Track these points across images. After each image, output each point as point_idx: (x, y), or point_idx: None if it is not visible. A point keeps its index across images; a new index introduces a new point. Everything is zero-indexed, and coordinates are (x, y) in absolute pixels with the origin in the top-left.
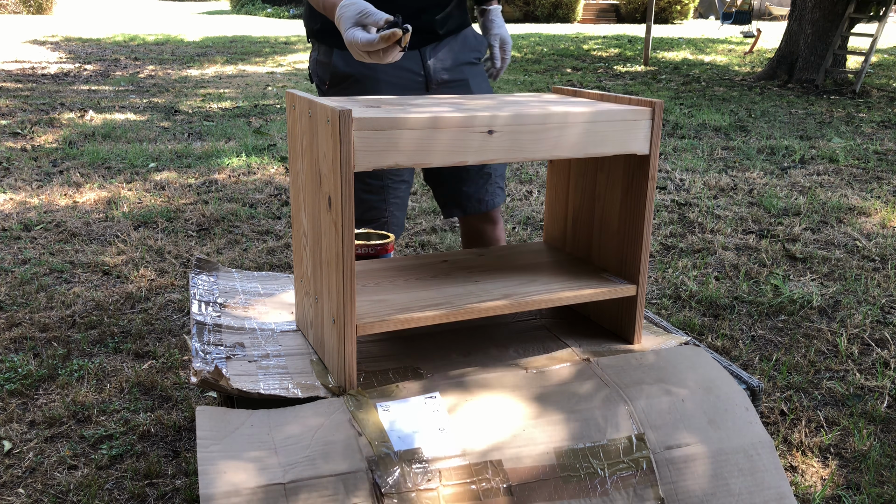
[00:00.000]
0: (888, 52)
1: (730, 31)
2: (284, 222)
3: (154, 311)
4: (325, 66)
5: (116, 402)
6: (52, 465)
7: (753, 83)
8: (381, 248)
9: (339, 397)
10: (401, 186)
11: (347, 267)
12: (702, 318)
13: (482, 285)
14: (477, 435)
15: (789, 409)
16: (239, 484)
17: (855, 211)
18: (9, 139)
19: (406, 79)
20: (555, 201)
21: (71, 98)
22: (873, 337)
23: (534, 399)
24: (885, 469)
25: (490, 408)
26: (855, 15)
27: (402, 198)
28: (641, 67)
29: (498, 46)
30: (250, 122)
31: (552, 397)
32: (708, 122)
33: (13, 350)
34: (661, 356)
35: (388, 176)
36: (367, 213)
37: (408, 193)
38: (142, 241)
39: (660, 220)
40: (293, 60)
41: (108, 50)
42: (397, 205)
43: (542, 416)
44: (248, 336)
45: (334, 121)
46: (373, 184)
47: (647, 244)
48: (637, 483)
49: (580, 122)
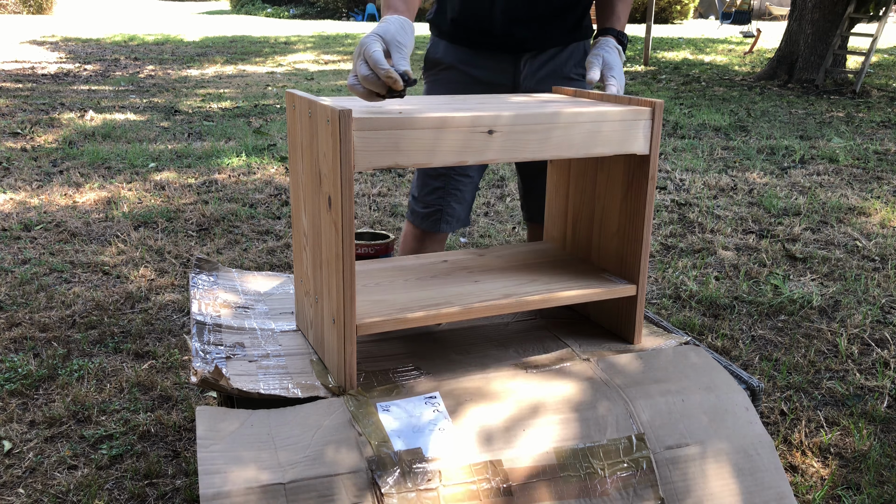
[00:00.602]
0: (888, 52)
1: (729, 31)
2: (284, 222)
3: (154, 311)
4: (426, 53)
5: (116, 402)
6: (52, 465)
7: (753, 83)
8: (381, 248)
9: (339, 397)
10: (462, 181)
11: (347, 267)
12: (702, 318)
13: (482, 285)
14: (477, 435)
15: (789, 409)
16: (239, 484)
17: (855, 211)
18: (9, 139)
19: (497, 79)
20: (555, 201)
21: (71, 98)
22: (873, 337)
23: (534, 399)
24: (885, 469)
25: (490, 408)
26: (855, 15)
27: (462, 191)
28: (641, 67)
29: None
30: (250, 122)
31: (552, 397)
32: (708, 122)
33: (13, 350)
34: (661, 356)
35: (452, 168)
36: (428, 197)
37: (470, 189)
38: (142, 241)
39: (660, 220)
40: (293, 60)
41: (107, 50)
42: (456, 197)
43: (542, 416)
44: (248, 336)
45: (334, 121)
46: (437, 170)
47: (647, 244)
48: (637, 483)
49: (580, 123)
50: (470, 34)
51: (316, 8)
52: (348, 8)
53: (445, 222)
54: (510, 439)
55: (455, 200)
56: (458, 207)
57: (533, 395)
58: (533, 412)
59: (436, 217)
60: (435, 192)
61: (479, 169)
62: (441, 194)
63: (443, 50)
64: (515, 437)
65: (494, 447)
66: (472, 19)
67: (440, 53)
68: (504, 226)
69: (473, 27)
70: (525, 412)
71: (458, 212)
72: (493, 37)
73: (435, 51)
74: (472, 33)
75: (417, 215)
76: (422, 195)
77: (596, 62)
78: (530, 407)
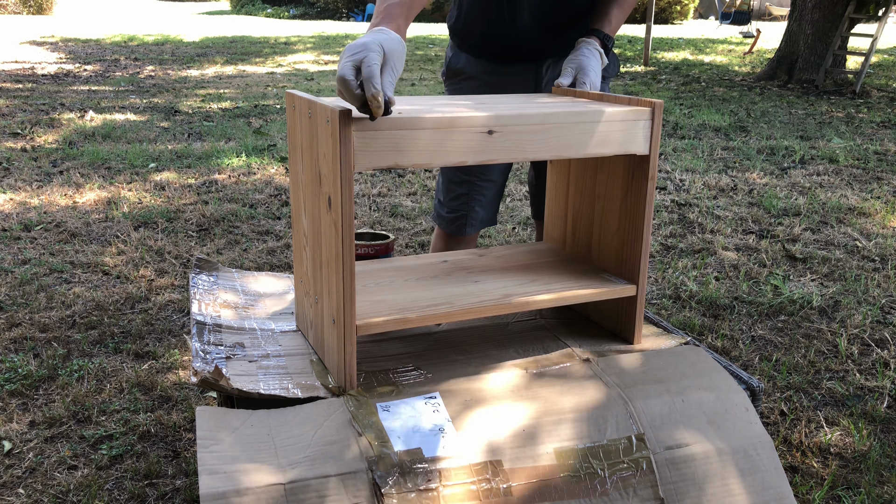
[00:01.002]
0: (888, 53)
1: (729, 32)
2: (284, 222)
3: (154, 311)
4: (447, 59)
5: (116, 402)
6: (52, 466)
7: (753, 83)
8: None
9: (339, 397)
10: (486, 185)
11: (347, 267)
12: (702, 319)
13: (482, 285)
14: (477, 435)
15: (789, 409)
16: (239, 484)
17: (855, 211)
18: (9, 139)
19: (520, 88)
20: (555, 201)
21: (71, 98)
22: (873, 337)
23: (534, 399)
24: (885, 469)
25: (490, 408)
26: (855, 15)
27: (486, 196)
28: (641, 68)
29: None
30: (250, 122)
31: (552, 397)
32: (708, 122)
33: (13, 350)
34: (661, 356)
35: (475, 173)
36: (453, 203)
37: (494, 193)
38: (142, 241)
39: (660, 221)
40: (293, 61)
41: (107, 50)
42: (480, 202)
43: (541, 416)
44: (248, 336)
45: (334, 121)
46: (461, 177)
47: (646, 244)
48: (637, 483)
49: (580, 123)
50: (496, 49)
51: (316, 8)
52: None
53: (470, 225)
54: (510, 439)
55: (479, 205)
56: (481, 211)
57: (533, 395)
58: (533, 412)
59: (461, 222)
60: (459, 197)
61: (502, 171)
62: (465, 200)
63: (464, 61)
64: (515, 438)
65: (494, 447)
66: (498, 34)
67: (462, 64)
68: (504, 226)
69: (500, 42)
70: (525, 412)
71: (482, 215)
72: (520, 49)
73: (457, 61)
74: (499, 47)
75: (443, 220)
76: (447, 200)
77: (570, 67)
78: (530, 407)
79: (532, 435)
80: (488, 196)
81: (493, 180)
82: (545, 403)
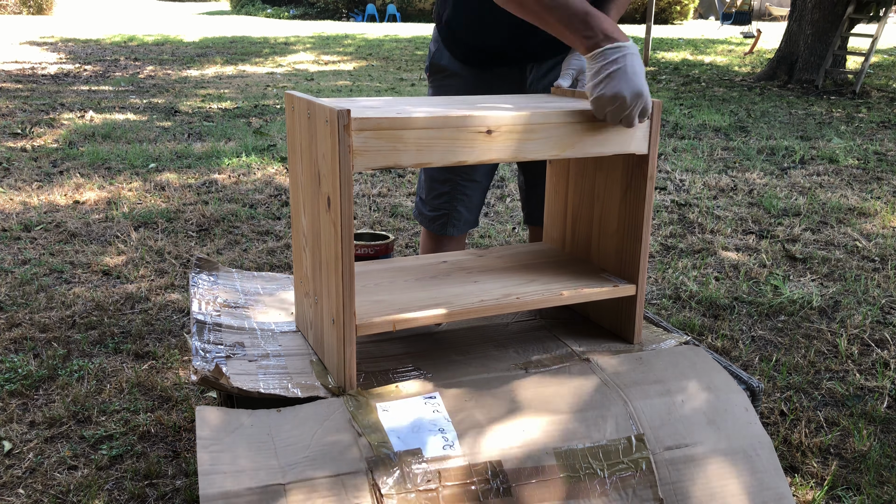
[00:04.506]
0: (888, 53)
1: (729, 32)
2: (284, 222)
3: (154, 311)
4: (431, 53)
5: (116, 402)
6: (52, 466)
7: (753, 83)
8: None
9: (338, 397)
10: (470, 185)
11: (347, 267)
12: (702, 319)
13: (482, 285)
14: (476, 435)
15: (789, 410)
16: (239, 484)
17: (855, 211)
18: (9, 139)
19: (504, 88)
20: (554, 201)
21: (71, 98)
22: (873, 337)
23: (533, 399)
24: (885, 469)
25: (490, 408)
26: (855, 15)
27: (470, 196)
28: None
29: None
30: (250, 122)
31: (552, 397)
32: (708, 122)
33: (13, 350)
34: (661, 356)
35: (459, 172)
36: (435, 201)
37: (478, 194)
38: (142, 241)
39: (660, 221)
40: (293, 61)
41: (107, 50)
42: (463, 202)
43: (541, 416)
44: (248, 336)
45: (333, 121)
46: (444, 176)
47: (646, 244)
48: (636, 483)
49: (579, 122)
50: (481, 56)
51: (316, 8)
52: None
53: (452, 226)
54: (510, 440)
55: (462, 205)
56: (465, 211)
57: (533, 395)
58: (533, 413)
59: (442, 221)
60: (441, 196)
61: (486, 173)
62: (448, 199)
63: (448, 59)
64: (515, 438)
65: (494, 448)
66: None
67: (445, 61)
68: (504, 226)
69: (486, 51)
70: (525, 413)
71: (466, 215)
72: (505, 57)
73: (440, 57)
74: (484, 55)
75: (425, 218)
76: (429, 199)
77: (570, 68)
78: (530, 407)
79: (532, 435)
80: (472, 197)
81: (477, 181)
82: (545, 404)
